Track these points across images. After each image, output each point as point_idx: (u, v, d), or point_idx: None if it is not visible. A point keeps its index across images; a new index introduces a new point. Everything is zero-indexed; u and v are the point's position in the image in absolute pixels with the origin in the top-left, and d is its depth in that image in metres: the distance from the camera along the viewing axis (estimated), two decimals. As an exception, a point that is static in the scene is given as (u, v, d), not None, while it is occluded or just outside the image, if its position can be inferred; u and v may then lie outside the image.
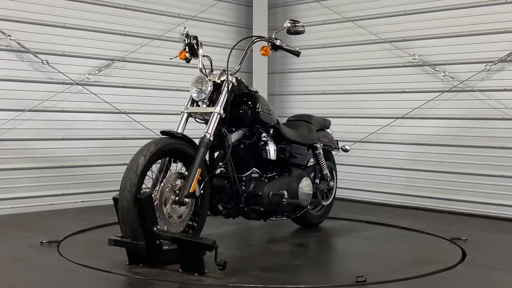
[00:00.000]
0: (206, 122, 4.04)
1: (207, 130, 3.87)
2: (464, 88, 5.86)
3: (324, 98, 7.00)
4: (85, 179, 6.04)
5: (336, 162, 5.38)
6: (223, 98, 3.98)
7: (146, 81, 6.50)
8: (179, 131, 3.99)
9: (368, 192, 6.56)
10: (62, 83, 5.86)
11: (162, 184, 3.69)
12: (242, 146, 4.20)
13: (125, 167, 6.41)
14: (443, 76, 6.00)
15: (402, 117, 6.28)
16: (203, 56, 4.24)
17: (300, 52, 4.33)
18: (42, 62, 5.68)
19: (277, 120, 4.46)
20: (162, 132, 3.86)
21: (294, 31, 4.27)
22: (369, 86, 6.59)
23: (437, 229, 4.96)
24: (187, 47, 4.29)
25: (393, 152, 6.37)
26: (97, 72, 6.11)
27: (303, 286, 3.33)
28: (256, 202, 4.20)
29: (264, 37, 4.30)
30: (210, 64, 4.25)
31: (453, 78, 5.93)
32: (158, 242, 3.52)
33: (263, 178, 4.36)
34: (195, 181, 3.68)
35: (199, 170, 3.72)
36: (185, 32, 4.29)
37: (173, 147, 3.75)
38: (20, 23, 5.58)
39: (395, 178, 6.34)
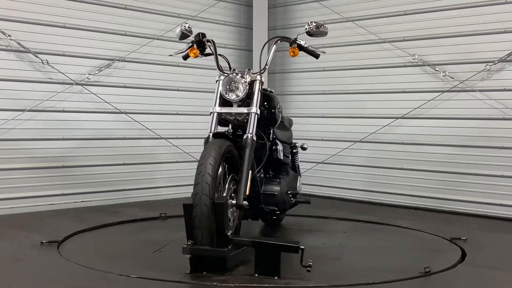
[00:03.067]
0: (235, 122, 4.00)
1: (249, 131, 3.82)
2: (464, 88, 5.86)
3: (324, 98, 7.00)
4: (85, 179, 6.04)
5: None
6: (256, 97, 3.93)
7: (146, 81, 6.50)
8: (213, 131, 3.86)
9: (368, 192, 6.55)
10: (62, 83, 5.86)
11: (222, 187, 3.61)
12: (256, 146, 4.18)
13: (125, 167, 6.42)
14: (443, 76, 5.99)
15: (402, 117, 6.28)
16: (219, 55, 4.19)
17: (320, 55, 4.32)
18: (42, 62, 5.68)
19: None
20: (216, 134, 3.78)
21: (316, 33, 4.25)
22: (369, 86, 6.59)
23: (437, 229, 4.96)
24: (195, 44, 4.21)
25: (393, 152, 6.37)
26: (97, 72, 6.11)
27: (391, 281, 3.40)
28: (271, 202, 4.24)
29: (289, 38, 4.28)
30: (228, 64, 4.22)
31: (453, 78, 5.93)
32: (229, 247, 3.43)
33: (268, 178, 4.37)
34: (249, 183, 3.64)
35: (250, 172, 3.69)
36: (187, 27, 4.20)
37: (229, 148, 3.67)
38: (20, 23, 5.58)
39: (395, 178, 6.34)
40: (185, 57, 4.32)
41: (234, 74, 3.94)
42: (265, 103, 4.18)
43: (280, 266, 3.40)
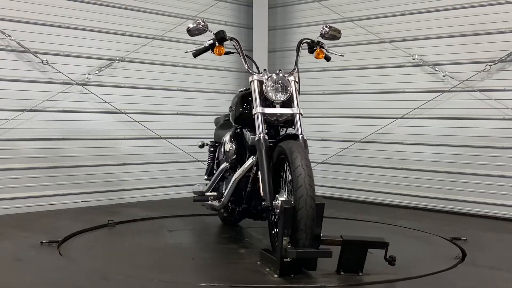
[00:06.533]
0: (275, 123, 3.96)
1: (300, 132, 3.84)
2: (464, 88, 5.86)
3: (324, 98, 7.00)
4: (85, 179, 6.05)
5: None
6: (296, 97, 3.95)
7: (146, 81, 6.50)
8: (263, 132, 3.80)
9: (368, 192, 6.55)
10: (62, 83, 5.86)
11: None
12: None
13: (125, 167, 6.39)
14: (443, 76, 6.00)
15: (402, 117, 6.28)
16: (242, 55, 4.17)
17: (331, 58, 4.36)
18: (42, 62, 5.68)
19: None
20: (287, 136, 3.78)
21: (330, 36, 4.31)
22: (369, 86, 6.59)
23: (437, 229, 4.96)
24: (217, 42, 4.12)
25: (393, 152, 6.37)
26: (97, 72, 6.11)
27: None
28: None
29: (313, 40, 4.32)
30: (255, 64, 4.19)
31: (453, 78, 5.93)
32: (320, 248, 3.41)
33: None
34: None
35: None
36: (203, 22, 4.09)
37: None
38: (20, 23, 5.58)
39: (395, 178, 6.34)
40: (196, 55, 4.21)
41: (278, 74, 3.91)
42: None
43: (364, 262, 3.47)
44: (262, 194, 3.61)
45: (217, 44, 4.11)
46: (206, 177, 5.13)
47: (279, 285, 3.30)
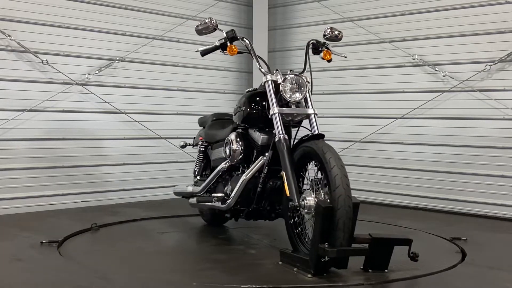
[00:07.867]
0: (290, 123, 3.98)
1: (318, 131, 3.86)
2: (464, 88, 5.87)
3: (324, 98, 7.00)
4: (85, 179, 6.05)
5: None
6: (310, 97, 3.96)
7: (146, 81, 6.50)
8: (283, 132, 3.82)
9: (368, 192, 6.55)
10: (62, 83, 5.86)
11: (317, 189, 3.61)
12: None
13: (125, 167, 6.39)
14: (443, 76, 6.00)
15: (402, 117, 6.28)
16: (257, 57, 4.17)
17: (332, 59, 4.40)
18: (42, 62, 5.68)
19: None
20: (314, 136, 3.79)
21: (332, 39, 4.37)
22: (369, 86, 6.59)
23: (437, 229, 4.96)
24: (229, 42, 4.10)
25: (393, 152, 6.37)
26: (97, 72, 6.11)
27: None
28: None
29: (318, 41, 4.36)
30: (266, 64, 4.20)
31: (453, 78, 5.93)
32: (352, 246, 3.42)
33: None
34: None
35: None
36: (213, 21, 4.07)
37: None
38: (20, 23, 5.58)
39: (395, 178, 6.34)
40: (204, 54, 4.20)
41: (294, 74, 3.91)
42: None
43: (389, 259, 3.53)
44: (288, 195, 3.59)
45: (229, 44, 4.11)
46: (199, 177, 5.10)
47: (319, 284, 3.29)
